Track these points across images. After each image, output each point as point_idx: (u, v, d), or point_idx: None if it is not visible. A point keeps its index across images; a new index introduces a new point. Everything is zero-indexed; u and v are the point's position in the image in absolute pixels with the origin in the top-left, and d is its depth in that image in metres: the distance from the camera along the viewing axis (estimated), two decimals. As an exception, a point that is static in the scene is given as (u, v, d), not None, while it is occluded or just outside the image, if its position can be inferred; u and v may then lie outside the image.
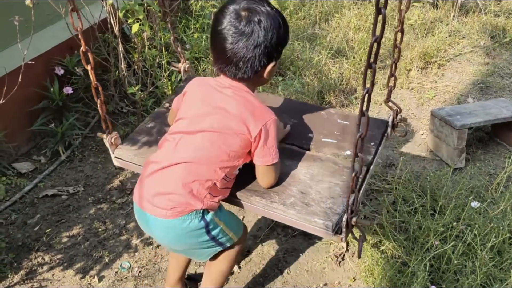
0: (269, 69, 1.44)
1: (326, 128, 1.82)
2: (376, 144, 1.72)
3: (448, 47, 3.87)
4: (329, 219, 1.43)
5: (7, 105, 2.22)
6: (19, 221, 2.44)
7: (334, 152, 1.71)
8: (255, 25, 1.35)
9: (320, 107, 2.00)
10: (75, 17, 1.47)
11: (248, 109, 1.44)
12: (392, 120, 1.74)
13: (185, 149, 1.46)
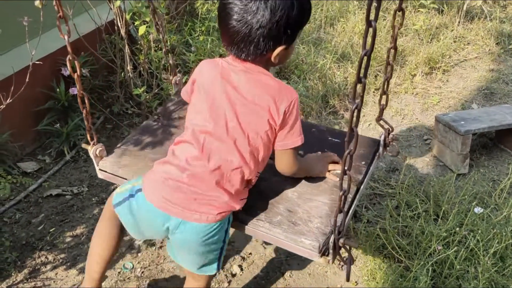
0: (277, 53, 1.31)
1: (316, 146, 1.77)
2: (367, 163, 1.69)
3: (453, 53, 3.88)
4: (316, 239, 1.39)
5: (14, 104, 2.23)
6: (23, 220, 2.45)
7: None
8: (261, 3, 1.22)
9: (311, 124, 1.95)
10: (63, 24, 1.47)
11: (268, 92, 1.34)
12: (384, 139, 1.71)
13: (213, 152, 1.37)
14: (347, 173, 1.20)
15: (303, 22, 1.33)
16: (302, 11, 1.28)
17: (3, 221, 2.43)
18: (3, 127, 2.60)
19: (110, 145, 2.98)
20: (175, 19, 3.56)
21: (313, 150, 1.72)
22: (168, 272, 2.15)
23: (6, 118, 2.59)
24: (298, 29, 1.33)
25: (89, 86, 3.05)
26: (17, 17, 2.04)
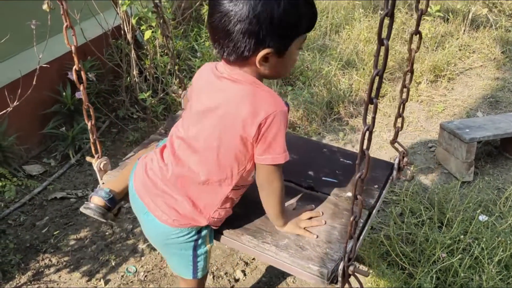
0: (261, 56, 1.18)
1: (327, 166, 1.72)
2: (380, 187, 1.62)
3: (458, 61, 3.88)
4: (324, 265, 1.32)
5: (21, 107, 2.25)
6: (28, 222, 2.46)
7: (334, 193, 1.60)
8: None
9: (322, 144, 1.90)
10: (69, 34, 1.45)
11: (246, 104, 1.22)
12: (398, 163, 1.65)
13: (183, 160, 1.34)
14: (358, 198, 1.15)
15: (293, 25, 1.18)
16: (289, 11, 1.15)
17: (7, 224, 2.44)
18: (10, 130, 2.62)
19: (114, 149, 3.00)
20: (181, 24, 3.59)
21: (323, 171, 1.68)
22: (171, 277, 2.14)
23: (13, 121, 2.61)
24: (288, 32, 1.18)
25: (95, 90, 3.07)
26: (25, 21, 2.06)
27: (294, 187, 1.63)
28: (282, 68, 1.27)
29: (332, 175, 1.68)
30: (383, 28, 0.93)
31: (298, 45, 1.23)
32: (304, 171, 1.69)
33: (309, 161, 1.75)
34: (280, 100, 1.26)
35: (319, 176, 1.67)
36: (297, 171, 1.69)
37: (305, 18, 1.20)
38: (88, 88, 3.04)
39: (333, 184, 1.64)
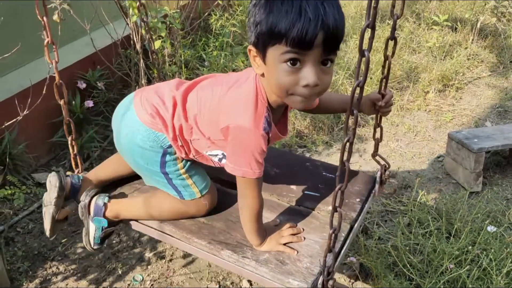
0: (249, 52, 1.22)
1: (310, 180, 1.71)
2: (362, 200, 1.61)
3: (466, 70, 3.86)
4: (304, 280, 1.31)
5: (31, 116, 2.28)
6: (36, 230, 2.47)
7: (316, 207, 1.60)
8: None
9: (305, 158, 1.91)
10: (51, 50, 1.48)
11: (231, 89, 1.31)
12: (380, 176, 1.62)
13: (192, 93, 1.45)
14: (337, 210, 1.14)
15: (266, 29, 1.11)
16: (268, 9, 1.10)
17: (16, 231, 2.46)
18: (19, 138, 2.65)
19: (123, 158, 3.02)
20: (190, 34, 3.62)
21: (306, 185, 1.69)
22: (177, 285, 2.15)
23: (23, 129, 2.63)
24: (260, 34, 1.13)
25: (104, 99, 3.10)
26: (36, 31, 2.09)
27: (277, 201, 1.63)
28: (270, 78, 1.20)
29: (314, 189, 1.68)
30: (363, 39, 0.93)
31: (281, 59, 1.12)
32: (286, 186, 1.70)
33: (292, 175, 1.75)
34: (260, 118, 1.24)
35: (302, 190, 1.67)
36: (279, 185, 1.69)
37: (281, 28, 1.08)
38: (97, 96, 3.07)
39: (315, 198, 1.63)
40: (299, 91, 1.16)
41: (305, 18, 1.05)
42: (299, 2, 1.06)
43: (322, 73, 1.14)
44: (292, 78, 1.14)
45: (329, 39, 1.09)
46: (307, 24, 1.05)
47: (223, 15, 3.73)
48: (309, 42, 1.08)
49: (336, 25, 1.09)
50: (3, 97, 2.56)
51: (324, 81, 1.16)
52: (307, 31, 1.06)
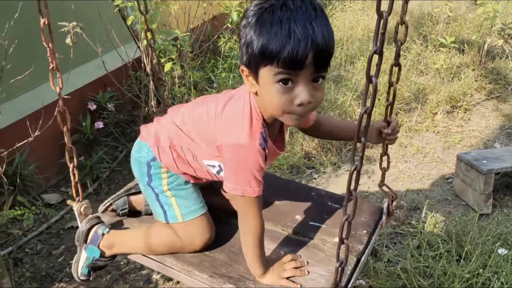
0: (241, 70, 1.24)
1: (315, 211, 1.66)
2: (369, 232, 1.56)
3: (474, 91, 3.86)
4: None
5: (41, 137, 2.31)
6: (44, 251, 2.48)
7: (321, 238, 1.55)
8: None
9: (310, 187, 1.85)
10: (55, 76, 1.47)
11: (225, 105, 1.32)
12: (388, 207, 1.56)
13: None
14: (344, 242, 1.09)
15: (257, 50, 1.13)
16: (258, 31, 1.12)
17: (24, 252, 2.47)
18: (30, 159, 2.68)
19: (130, 178, 3.02)
20: (199, 56, 3.67)
21: (311, 215, 1.64)
22: (184, 308, 2.13)
23: (33, 150, 2.67)
24: (252, 54, 1.14)
25: (114, 120, 3.14)
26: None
27: (281, 232, 1.59)
28: (264, 97, 1.21)
29: (320, 220, 1.63)
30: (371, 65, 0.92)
31: (273, 79, 1.14)
32: (291, 216, 1.65)
33: (297, 205, 1.70)
34: (256, 135, 1.24)
35: (306, 221, 1.63)
36: (284, 215, 1.65)
37: (273, 50, 1.10)
38: (107, 118, 3.11)
39: (320, 229, 1.59)
40: (294, 110, 1.18)
41: (295, 39, 1.07)
42: (287, 23, 1.08)
43: (314, 90, 1.16)
44: (286, 97, 1.15)
45: (319, 58, 1.11)
46: (297, 45, 1.07)
47: (232, 37, 3.79)
48: (300, 62, 1.09)
49: (325, 43, 1.10)
50: (15, 119, 2.60)
51: (316, 97, 1.17)
52: (297, 52, 1.08)
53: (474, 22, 4.75)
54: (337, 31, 4.73)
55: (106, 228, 1.63)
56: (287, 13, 1.09)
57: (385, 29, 0.92)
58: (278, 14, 1.09)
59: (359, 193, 2.78)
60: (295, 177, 2.97)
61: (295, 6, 1.10)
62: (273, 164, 2.97)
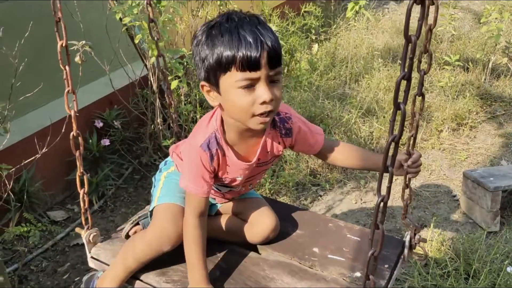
0: (201, 87, 1.33)
1: (333, 243, 1.60)
2: (390, 266, 1.49)
3: (479, 109, 3.87)
4: None
5: (48, 154, 2.33)
6: (49, 268, 2.47)
7: (341, 273, 1.48)
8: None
9: (328, 218, 1.78)
10: (70, 98, 1.46)
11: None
12: (410, 240, 1.49)
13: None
14: (370, 279, 1.05)
15: (212, 62, 1.22)
16: (205, 48, 1.23)
17: (29, 269, 2.46)
18: (36, 176, 2.69)
19: (136, 195, 3.04)
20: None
21: (330, 248, 1.58)
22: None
23: (40, 167, 2.68)
24: (208, 67, 1.24)
25: (120, 137, 3.16)
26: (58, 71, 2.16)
27: (298, 265, 1.53)
28: (228, 105, 1.29)
29: (338, 253, 1.56)
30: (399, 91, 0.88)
31: (235, 84, 1.21)
32: (308, 248, 1.59)
33: (314, 236, 1.64)
34: (200, 136, 1.37)
35: (325, 254, 1.56)
36: (301, 247, 1.59)
37: (228, 56, 1.19)
38: (113, 135, 3.13)
39: (339, 263, 1.53)
40: (258, 110, 1.24)
41: (246, 42, 1.17)
42: (236, 30, 1.19)
43: (273, 89, 1.24)
44: (249, 99, 1.22)
45: (272, 56, 1.20)
46: (249, 47, 1.17)
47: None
48: (256, 63, 1.18)
49: (274, 43, 1.21)
50: (23, 136, 2.62)
51: (276, 95, 1.25)
52: (251, 54, 1.17)
53: (478, 40, 4.78)
54: (342, 49, 4.77)
55: (100, 272, 1.63)
56: (233, 23, 1.20)
57: (414, 54, 0.89)
58: (226, 26, 1.21)
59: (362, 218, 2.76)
60: (301, 194, 2.96)
61: (239, 18, 1.22)
62: (279, 181, 2.97)
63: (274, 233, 1.58)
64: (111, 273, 1.54)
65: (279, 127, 1.46)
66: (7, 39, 2.21)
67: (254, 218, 1.58)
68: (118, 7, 2.54)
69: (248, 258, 1.55)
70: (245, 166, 1.44)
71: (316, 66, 4.33)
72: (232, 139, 1.40)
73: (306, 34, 4.76)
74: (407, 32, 0.87)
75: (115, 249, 1.63)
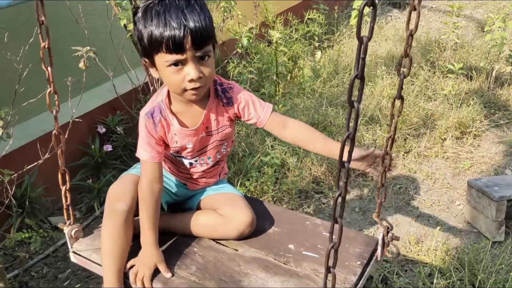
0: (143, 62, 1.48)
1: (308, 240, 1.63)
2: (363, 263, 1.51)
3: (483, 117, 3.85)
4: None
5: (51, 160, 2.31)
6: (50, 275, 2.46)
7: (314, 268, 1.51)
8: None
9: (305, 216, 1.81)
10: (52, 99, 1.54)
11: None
12: (383, 238, 1.51)
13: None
14: (331, 271, 1.05)
15: (145, 43, 1.36)
16: (137, 29, 1.37)
17: (30, 275, 2.44)
18: (38, 181, 2.68)
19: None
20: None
21: (304, 244, 1.61)
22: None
23: (42, 172, 2.67)
24: (143, 47, 1.39)
25: (123, 143, 3.15)
26: (62, 76, 2.16)
27: (273, 261, 1.55)
28: (164, 80, 1.44)
29: (313, 250, 1.59)
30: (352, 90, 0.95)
31: (165, 64, 1.34)
32: (284, 244, 1.62)
33: (291, 234, 1.67)
34: (148, 106, 1.53)
35: (299, 250, 1.59)
36: (276, 244, 1.63)
37: (156, 38, 1.31)
38: (116, 141, 3.12)
39: (314, 259, 1.55)
40: (188, 86, 1.38)
41: (170, 27, 1.29)
42: (163, 15, 1.29)
43: (202, 66, 1.37)
44: (178, 76, 1.36)
45: (197, 39, 1.31)
46: (173, 32, 1.29)
47: (241, 62, 3.82)
48: (180, 46, 1.30)
49: (199, 26, 1.30)
50: (25, 141, 2.62)
51: (206, 72, 1.38)
52: (175, 38, 1.29)
53: (482, 49, 4.78)
54: (345, 57, 4.77)
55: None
56: (162, 7, 1.30)
57: (366, 54, 0.94)
58: (156, 9, 1.31)
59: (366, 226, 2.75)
60: (304, 202, 2.95)
61: (169, 2, 1.32)
62: (281, 189, 2.95)
63: (250, 229, 1.61)
64: (105, 279, 1.55)
65: (220, 96, 1.57)
66: (11, 44, 2.21)
67: (230, 213, 1.62)
68: (123, 14, 2.55)
69: (224, 254, 1.58)
70: (191, 132, 1.56)
71: (319, 73, 4.33)
72: (178, 108, 1.54)
73: (309, 41, 4.76)
74: (359, 32, 0.92)
75: (97, 244, 1.65)
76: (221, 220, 1.62)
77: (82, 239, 1.72)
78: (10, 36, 2.19)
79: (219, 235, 1.64)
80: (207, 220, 1.65)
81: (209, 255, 1.58)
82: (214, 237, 1.65)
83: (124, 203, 1.50)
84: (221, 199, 1.70)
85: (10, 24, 2.56)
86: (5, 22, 2.56)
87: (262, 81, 4.04)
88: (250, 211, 1.63)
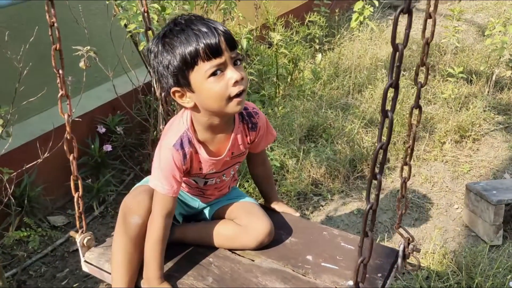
0: (172, 94, 1.38)
1: (327, 251, 1.59)
2: (384, 275, 1.47)
3: (483, 121, 3.86)
4: None
5: (50, 159, 2.32)
6: (48, 274, 2.46)
7: (334, 281, 1.47)
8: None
9: (322, 226, 1.77)
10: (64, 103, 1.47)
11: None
12: (403, 250, 1.49)
13: None
14: (360, 286, 1.04)
15: (175, 65, 1.30)
16: (164, 57, 1.31)
17: (28, 274, 2.45)
18: (38, 180, 2.69)
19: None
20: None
21: (323, 256, 1.57)
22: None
23: (41, 172, 2.68)
24: (175, 71, 1.31)
25: (123, 143, 3.15)
26: (61, 77, 2.17)
27: (291, 273, 1.51)
28: (204, 97, 1.34)
29: (332, 261, 1.55)
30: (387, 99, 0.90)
31: (205, 75, 1.29)
32: (302, 255, 1.58)
33: (308, 244, 1.64)
34: (172, 136, 1.41)
35: (318, 262, 1.55)
36: (294, 255, 1.59)
37: (191, 51, 1.27)
38: (115, 141, 3.13)
39: (332, 271, 1.52)
40: (233, 91, 1.31)
41: (202, 34, 1.27)
42: (189, 28, 1.28)
43: (239, 69, 1.33)
44: (221, 84, 1.31)
45: (229, 40, 1.30)
46: (207, 37, 1.27)
47: (241, 64, 3.84)
48: (217, 49, 1.28)
49: (226, 29, 1.31)
50: (25, 140, 2.62)
51: (244, 75, 1.34)
52: (210, 42, 1.27)
53: (482, 53, 4.79)
54: (345, 59, 4.77)
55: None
56: (183, 25, 1.29)
57: (401, 61, 0.91)
58: (177, 28, 1.29)
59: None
60: (302, 204, 2.95)
61: (185, 19, 1.31)
62: (280, 191, 2.95)
63: (268, 238, 1.58)
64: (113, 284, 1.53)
65: (247, 121, 1.54)
66: (12, 43, 2.22)
67: (248, 223, 1.58)
68: (123, 14, 2.55)
69: (241, 264, 1.54)
70: (217, 161, 1.51)
71: (319, 76, 4.33)
72: (204, 137, 1.46)
73: (310, 43, 4.77)
74: (394, 40, 0.89)
75: (109, 254, 1.60)
76: (239, 230, 1.58)
77: (94, 248, 1.67)
78: (11, 35, 2.19)
79: (237, 245, 1.59)
80: (225, 230, 1.61)
81: (225, 265, 1.54)
82: (232, 248, 1.61)
83: (138, 216, 1.46)
84: (237, 208, 1.65)
85: (10, 23, 2.57)
86: (6, 22, 2.57)
87: (262, 83, 4.04)
88: (268, 220, 1.59)
